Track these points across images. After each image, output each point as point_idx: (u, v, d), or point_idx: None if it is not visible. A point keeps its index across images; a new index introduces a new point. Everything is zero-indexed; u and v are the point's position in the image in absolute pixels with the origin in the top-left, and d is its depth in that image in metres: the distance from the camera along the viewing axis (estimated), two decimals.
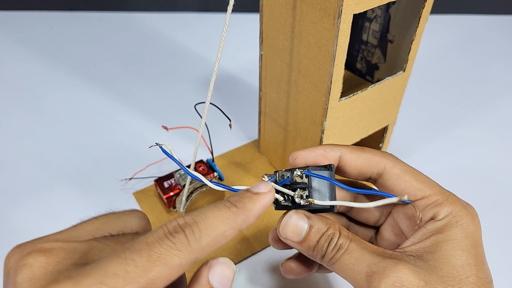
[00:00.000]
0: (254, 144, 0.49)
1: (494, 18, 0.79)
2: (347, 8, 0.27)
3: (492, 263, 0.36)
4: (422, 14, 0.33)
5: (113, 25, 0.74)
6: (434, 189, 0.25)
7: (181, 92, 0.58)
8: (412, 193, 0.25)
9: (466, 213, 0.24)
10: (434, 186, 0.25)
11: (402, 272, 0.21)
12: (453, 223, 0.23)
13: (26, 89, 0.58)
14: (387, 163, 0.25)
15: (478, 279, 0.22)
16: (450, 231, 0.23)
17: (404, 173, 0.25)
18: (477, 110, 0.56)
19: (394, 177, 0.25)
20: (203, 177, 0.23)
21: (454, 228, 0.23)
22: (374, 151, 0.26)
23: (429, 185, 0.25)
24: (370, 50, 0.41)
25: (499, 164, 0.47)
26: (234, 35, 0.64)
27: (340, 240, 0.23)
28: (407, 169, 0.25)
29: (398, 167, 0.25)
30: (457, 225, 0.23)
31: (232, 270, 0.21)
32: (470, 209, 0.25)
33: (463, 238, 0.23)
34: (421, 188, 0.24)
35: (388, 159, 0.26)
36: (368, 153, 0.26)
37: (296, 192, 0.24)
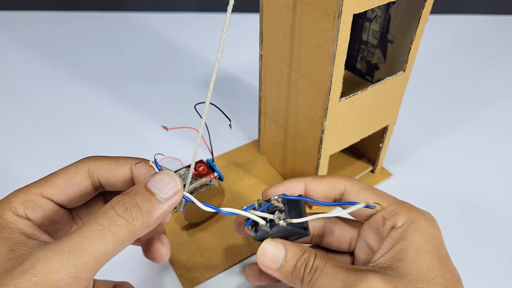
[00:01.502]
0: (254, 144, 0.49)
1: (494, 18, 0.79)
2: (347, 8, 0.27)
3: (492, 263, 0.36)
4: (422, 14, 0.33)
5: (113, 25, 0.74)
6: (390, 200, 0.27)
7: (181, 92, 0.58)
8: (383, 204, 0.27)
9: (423, 218, 0.26)
10: (390, 198, 0.27)
11: (374, 282, 0.23)
12: (413, 228, 0.25)
13: (26, 89, 0.58)
14: (346, 184, 0.28)
15: (444, 279, 0.24)
16: (412, 236, 0.25)
17: (362, 190, 0.28)
18: (476, 110, 0.56)
19: (354, 194, 0.28)
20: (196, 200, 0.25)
21: (415, 233, 0.25)
22: (334, 176, 0.29)
23: (385, 197, 0.27)
24: (370, 50, 0.41)
25: (499, 164, 0.47)
26: (234, 35, 0.64)
27: (315, 262, 0.25)
28: (364, 187, 0.28)
29: (356, 186, 0.28)
30: (417, 230, 0.25)
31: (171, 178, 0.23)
32: (427, 214, 0.26)
33: (424, 241, 0.25)
34: (378, 201, 0.27)
35: (347, 180, 0.28)
36: (328, 178, 0.29)
37: (275, 214, 0.25)
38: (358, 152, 0.46)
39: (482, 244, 0.38)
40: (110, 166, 0.25)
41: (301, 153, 0.38)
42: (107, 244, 0.20)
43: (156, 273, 0.35)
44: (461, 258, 0.37)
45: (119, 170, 0.25)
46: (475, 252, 0.37)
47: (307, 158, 0.38)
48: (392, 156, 0.47)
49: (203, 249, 0.37)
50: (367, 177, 0.44)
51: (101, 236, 0.20)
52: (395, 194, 0.42)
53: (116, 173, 0.25)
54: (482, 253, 0.37)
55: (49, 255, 0.19)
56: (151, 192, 0.22)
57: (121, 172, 0.25)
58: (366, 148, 0.45)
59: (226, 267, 0.35)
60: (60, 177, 0.24)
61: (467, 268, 0.36)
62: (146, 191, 0.22)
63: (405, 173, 0.45)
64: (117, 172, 0.25)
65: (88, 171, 0.25)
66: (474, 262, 0.37)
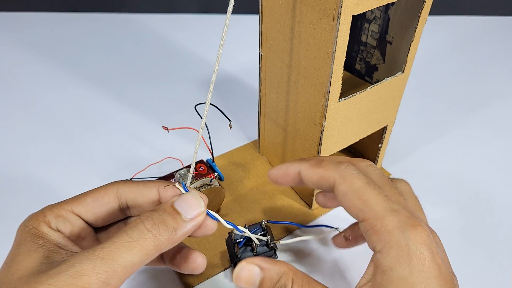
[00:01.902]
0: (254, 144, 0.49)
1: (492, 19, 0.79)
2: (346, 10, 0.27)
3: (492, 263, 0.37)
4: (421, 15, 0.33)
5: (114, 26, 0.75)
6: (373, 212, 0.23)
7: (181, 93, 0.58)
8: (353, 213, 0.24)
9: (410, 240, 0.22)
10: (375, 207, 0.23)
11: None
12: (393, 258, 0.22)
13: (26, 89, 0.58)
14: (336, 179, 0.25)
15: None
16: (392, 271, 0.21)
17: (349, 192, 0.24)
18: (475, 110, 0.56)
19: (340, 194, 0.25)
20: None
21: (396, 265, 0.21)
22: (329, 165, 0.26)
23: (369, 206, 0.23)
24: (369, 51, 0.41)
25: (498, 165, 0.47)
26: (234, 36, 0.64)
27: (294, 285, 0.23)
28: (353, 187, 0.24)
29: (345, 185, 0.25)
30: (398, 260, 0.21)
31: (196, 200, 0.25)
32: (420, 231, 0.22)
33: (406, 277, 0.21)
34: (362, 210, 0.24)
35: (339, 174, 0.25)
36: (322, 169, 0.26)
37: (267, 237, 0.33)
38: (357, 152, 0.46)
39: (482, 244, 0.38)
40: (138, 189, 0.27)
41: (300, 153, 0.39)
42: (135, 255, 0.22)
43: (156, 273, 0.35)
44: (461, 258, 0.37)
45: (147, 192, 0.27)
46: (475, 252, 0.38)
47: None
48: (391, 156, 0.47)
49: (203, 249, 0.37)
50: None
51: (130, 247, 0.22)
52: None
53: (144, 195, 0.26)
54: (482, 252, 0.37)
55: (83, 260, 0.21)
56: (177, 212, 0.24)
57: (149, 194, 0.27)
58: (365, 148, 0.45)
59: (226, 266, 0.36)
60: (90, 196, 0.26)
61: (467, 268, 0.36)
62: (173, 210, 0.24)
63: (404, 173, 0.45)
64: (145, 194, 0.27)
65: (116, 193, 0.26)
66: (474, 262, 0.37)
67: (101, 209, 0.26)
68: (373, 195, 0.24)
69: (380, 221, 0.22)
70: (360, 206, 0.24)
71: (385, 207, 0.23)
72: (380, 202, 0.23)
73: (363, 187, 0.24)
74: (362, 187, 0.24)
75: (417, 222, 0.22)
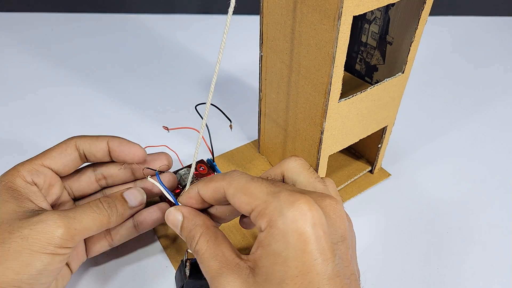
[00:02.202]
0: (254, 144, 0.49)
1: (492, 20, 0.79)
2: (347, 10, 0.27)
3: (492, 263, 0.37)
4: (421, 15, 0.33)
5: (115, 26, 0.75)
6: (258, 200, 0.24)
7: (182, 93, 0.58)
8: (244, 209, 0.25)
9: (287, 218, 0.22)
10: (258, 195, 0.24)
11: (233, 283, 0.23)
12: (270, 235, 0.23)
13: (27, 89, 0.58)
14: (224, 186, 0.26)
15: None
16: (269, 246, 0.23)
17: (236, 191, 0.26)
18: (475, 110, 0.56)
19: (230, 197, 0.26)
20: None
21: (272, 240, 0.23)
22: (218, 177, 0.28)
23: (254, 197, 0.24)
24: (369, 51, 0.41)
25: (497, 165, 0.47)
26: (235, 36, 0.64)
27: (198, 245, 0.27)
28: (239, 186, 0.26)
29: (232, 187, 0.26)
30: (273, 237, 0.23)
31: (140, 194, 0.33)
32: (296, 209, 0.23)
33: (281, 250, 0.22)
34: (249, 202, 0.25)
35: (225, 181, 0.27)
36: (212, 182, 0.28)
37: None
38: (357, 152, 0.46)
39: (481, 244, 0.38)
40: (92, 141, 0.33)
41: (300, 153, 0.39)
42: (94, 224, 0.29)
43: (157, 273, 0.35)
44: (460, 258, 0.37)
45: (98, 144, 0.33)
46: (474, 252, 0.38)
47: (307, 158, 0.38)
48: (391, 157, 0.47)
49: None
50: (366, 177, 0.44)
51: (92, 217, 0.29)
52: (394, 194, 0.43)
53: (96, 146, 0.33)
54: (480, 252, 0.38)
55: (60, 216, 0.27)
56: (125, 200, 0.32)
57: (100, 145, 0.33)
58: (365, 148, 0.45)
59: None
60: (55, 151, 0.32)
61: (466, 268, 0.36)
62: (122, 198, 0.32)
63: (404, 173, 0.45)
64: (97, 145, 0.33)
65: (75, 145, 0.33)
66: (473, 261, 0.37)
67: (66, 158, 0.32)
68: (256, 186, 0.25)
69: (263, 205, 0.24)
70: (246, 200, 0.25)
71: (267, 192, 0.24)
72: (263, 190, 0.24)
73: (246, 183, 0.25)
74: (246, 183, 0.25)
75: (297, 199, 0.23)
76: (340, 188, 0.43)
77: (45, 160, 0.31)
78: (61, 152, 0.32)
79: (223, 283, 0.24)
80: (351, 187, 0.43)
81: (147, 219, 0.34)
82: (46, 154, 0.32)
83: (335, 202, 0.25)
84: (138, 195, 0.33)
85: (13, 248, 0.26)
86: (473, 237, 0.39)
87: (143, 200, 0.33)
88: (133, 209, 0.32)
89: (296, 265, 0.22)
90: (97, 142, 0.33)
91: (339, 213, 0.24)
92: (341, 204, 0.25)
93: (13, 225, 0.26)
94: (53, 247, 0.26)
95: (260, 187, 0.25)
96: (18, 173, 0.30)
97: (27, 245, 0.26)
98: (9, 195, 0.28)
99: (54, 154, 0.32)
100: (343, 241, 0.24)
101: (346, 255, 0.24)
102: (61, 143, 0.33)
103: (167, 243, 0.37)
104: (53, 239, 0.26)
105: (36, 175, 0.30)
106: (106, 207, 0.30)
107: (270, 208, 0.23)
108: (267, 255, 0.23)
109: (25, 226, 0.26)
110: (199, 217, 0.29)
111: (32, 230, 0.26)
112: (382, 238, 0.38)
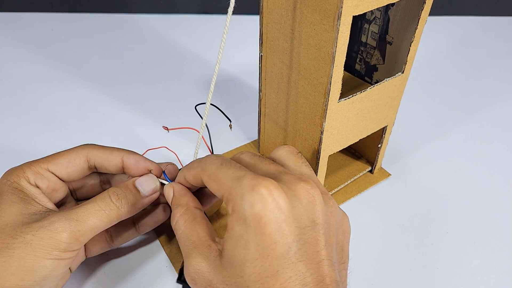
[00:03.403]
0: (254, 144, 0.49)
1: (492, 20, 0.79)
2: (347, 10, 0.27)
3: (492, 263, 0.37)
4: (421, 15, 0.33)
5: (114, 26, 0.75)
6: (225, 185, 0.25)
7: (182, 93, 0.58)
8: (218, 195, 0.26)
9: (246, 203, 0.23)
10: (226, 182, 0.25)
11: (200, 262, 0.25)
12: (233, 219, 0.24)
13: (27, 89, 0.58)
14: (200, 172, 0.28)
15: (258, 275, 0.22)
16: (232, 229, 0.24)
17: (208, 179, 0.27)
18: (475, 111, 0.56)
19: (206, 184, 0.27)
20: None
21: (234, 225, 0.23)
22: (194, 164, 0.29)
23: (222, 183, 0.25)
24: (369, 51, 0.41)
25: (497, 165, 0.47)
26: (234, 36, 0.64)
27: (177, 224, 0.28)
28: (209, 172, 0.27)
29: (206, 174, 0.27)
30: (236, 221, 0.23)
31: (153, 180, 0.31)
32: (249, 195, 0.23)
33: (242, 235, 0.23)
34: (219, 189, 0.26)
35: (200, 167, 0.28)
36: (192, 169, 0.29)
37: None
38: (357, 152, 0.46)
39: (481, 244, 0.38)
40: (105, 155, 0.31)
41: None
42: (102, 221, 0.28)
43: (157, 273, 0.35)
44: (460, 258, 0.37)
45: (112, 159, 0.31)
46: (474, 252, 0.38)
47: (307, 158, 0.38)
48: (391, 157, 0.47)
49: None
50: (366, 177, 0.44)
51: (98, 215, 0.28)
52: (394, 194, 0.43)
53: (110, 160, 0.31)
54: (480, 252, 0.38)
55: (61, 219, 0.26)
56: (137, 189, 0.30)
57: (114, 160, 0.31)
58: (365, 148, 0.45)
59: None
60: (64, 158, 0.31)
61: (466, 268, 0.36)
62: (134, 188, 0.30)
63: (404, 173, 0.45)
64: (111, 160, 0.31)
65: (87, 156, 0.31)
66: (473, 261, 0.37)
67: (72, 169, 0.31)
68: (223, 172, 0.26)
69: (229, 191, 0.24)
70: (216, 187, 0.26)
71: (232, 178, 0.25)
72: (229, 175, 0.25)
73: (216, 169, 0.26)
74: (215, 170, 0.26)
75: (258, 182, 0.23)
76: (340, 188, 0.43)
77: (52, 165, 0.30)
78: (69, 161, 0.30)
79: (192, 263, 0.25)
80: (351, 187, 0.43)
81: (148, 221, 0.34)
82: (54, 159, 0.30)
83: (310, 187, 0.24)
84: (151, 182, 0.31)
85: (17, 253, 0.25)
86: (473, 237, 0.39)
87: (156, 188, 0.31)
88: (147, 198, 0.31)
89: (256, 247, 0.22)
90: (111, 156, 0.31)
91: (312, 198, 0.24)
92: (315, 189, 0.25)
93: (16, 230, 0.26)
94: (58, 251, 0.26)
95: (227, 173, 0.25)
96: (23, 174, 0.29)
97: (31, 250, 0.25)
98: (16, 196, 0.28)
99: (62, 161, 0.30)
100: (314, 226, 0.24)
101: (317, 240, 0.24)
102: (71, 150, 0.31)
103: (168, 243, 0.37)
104: (57, 243, 0.26)
105: (40, 179, 0.29)
106: (115, 200, 0.29)
107: (233, 193, 0.24)
108: (231, 238, 0.24)
109: (28, 231, 0.26)
110: (184, 197, 0.29)
111: (35, 235, 0.25)
112: (382, 238, 0.39)
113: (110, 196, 0.29)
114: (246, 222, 0.23)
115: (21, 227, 0.26)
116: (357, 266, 0.36)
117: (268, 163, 0.28)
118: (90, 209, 0.28)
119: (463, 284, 0.35)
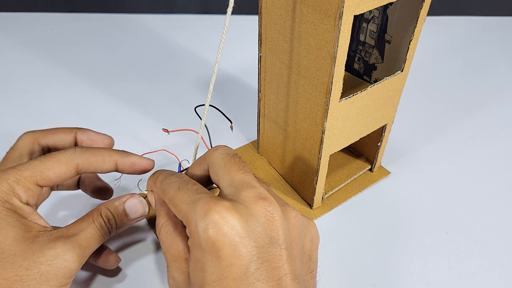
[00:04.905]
0: (253, 145, 0.49)
1: (491, 20, 0.79)
2: (348, 10, 0.27)
3: (492, 263, 0.37)
4: (420, 14, 0.33)
5: (114, 26, 0.75)
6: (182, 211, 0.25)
7: (181, 93, 0.58)
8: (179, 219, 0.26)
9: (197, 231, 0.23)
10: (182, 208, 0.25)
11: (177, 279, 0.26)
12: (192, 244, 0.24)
13: (27, 89, 0.58)
14: (161, 195, 0.28)
15: None
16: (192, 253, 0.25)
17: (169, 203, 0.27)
18: (474, 110, 0.56)
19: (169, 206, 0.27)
20: None
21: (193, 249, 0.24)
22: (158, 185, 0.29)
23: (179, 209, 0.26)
24: (367, 50, 0.41)
25: (497, 164, 0.47)
26: (234, 36, 0.64)
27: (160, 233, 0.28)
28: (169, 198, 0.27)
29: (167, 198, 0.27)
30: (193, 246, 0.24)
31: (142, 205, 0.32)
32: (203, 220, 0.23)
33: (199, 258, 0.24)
34: (178, 214, 0.26)
35: (161, 191, 0.28)
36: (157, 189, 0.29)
37: None
38: (357, 151, 0.46)
39: (481, 244, 0.38)
40: (97, 164, 0.31)
41: (301, 153, 0.39)
42: (99, 243, 0.29)
43: (157, 273, 0.35)
44: (460, 258, 0.37)
45: (106, 167, 0.31)
46: (474, 252, 0.38)
47: (308, 158, 0.38)
48: (391, 155, 0.47)
49: None
50: (366, 176, 0.45)
51: (97, 237, 0.29)
52: (393, 192, 0.43)
53: (102, 169, 0.31)
54: (480, 252, 0.38)
55: (76, 247, 0.27)
56: (126, 213, 0.31)
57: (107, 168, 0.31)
58: (365, 147, 0.45)
59: None
60: (53, 172, 0.29)
61: (466, 268, 0.36)
62: (123, 212, 0.31)
63: (404, 171, 0.46)
64: (104, 168, 0.31)
65: (77, 168, 0.30)
66: (473, 261, 0.37)
67: (61, 179, 0.30)
68: (179, 196, 0.26)
69: (186, 216, 0.25)
70: (175, 211, 0.26)
71: (187, 203, 0.25)
72: (185, 200, 0.25)
73: (174, 193, 0.27)
74: (173, 194, 0.27)
75: (210, 207, 0.23)
76: (340, 187, 0.43)
77: (41, 180, 0.28)
78: (59, 176, 0.29)
79: (171, 275, 0.27)
80: (351, 186, 0.43)
81: None
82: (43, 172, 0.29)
83: (268, 204, 0.24)
84: (140, 208, 0.32)
85: (32, 285, 0.25)
86: (473, 237, 0.39)
87: (144, 213, 0.32)
88: (134, 220, 0.32)
89: (213, 271, 0.23)
90: (104, 165, 0.31)
91: (269, 215, 0.24)
92: (274, 205, 0.25)
93: (28, 260, 0.25)
94: (68, 279, 0.27)
95: (183, 198, 0.26)
96: (13, 192, 0.27)
97: (46, 280, 0.25)
98: (13, 219, 0.26)
99: (51, 175, 0.29)
100: (273, 243, 0.24)
101: (278, 255, 0.24)
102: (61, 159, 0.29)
103: None
104: (70, 273, 0.26)
105: (31, 196, 0.28)
106: (106, 221, 0.30)
107: (189, 218, 0.24)
108: (191, 261, 0.24)
109: (42, 261, 0.25)
110: (164, 205, 0.29)
111: (50, 266, 0.25)
112: (381, 237, 0.39)
113: (103, 218, 0.30)
114: (201, 246, 0.23)
115: (32, 256, 0.25)
116: (356, 265, 0.36)
117: (237, 169, 0.27)
118: (92, 234, 0.29)
119: (463, 284, 0.35)
